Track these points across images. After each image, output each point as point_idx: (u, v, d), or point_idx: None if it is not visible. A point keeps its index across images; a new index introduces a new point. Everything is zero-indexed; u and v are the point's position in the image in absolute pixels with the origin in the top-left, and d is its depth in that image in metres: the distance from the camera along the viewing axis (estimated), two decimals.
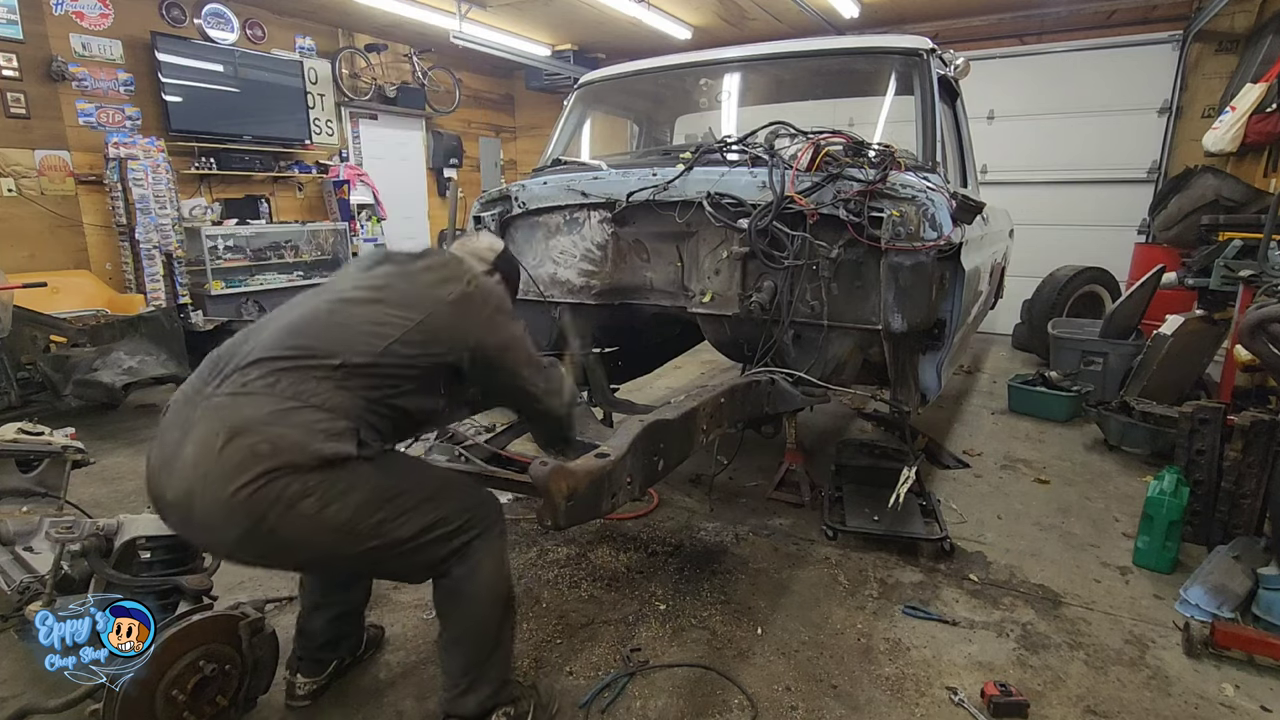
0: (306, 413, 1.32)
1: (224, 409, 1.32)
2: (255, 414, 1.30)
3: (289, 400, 1.33)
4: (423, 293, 1.54)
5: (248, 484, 1.25)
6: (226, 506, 1.26)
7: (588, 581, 2.43)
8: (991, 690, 1.82)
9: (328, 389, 1.36)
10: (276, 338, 1.43)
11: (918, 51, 2.92)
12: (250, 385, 1.34)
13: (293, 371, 1.36)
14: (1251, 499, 2.48)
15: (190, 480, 1.29)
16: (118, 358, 3.92)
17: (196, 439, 1.30)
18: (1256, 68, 5.30)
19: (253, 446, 1.27)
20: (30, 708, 1.55)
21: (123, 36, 5.73)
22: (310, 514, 1.29)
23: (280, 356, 1.38)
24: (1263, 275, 3.26)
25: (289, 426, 1.30)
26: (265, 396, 1.33)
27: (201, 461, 1.28)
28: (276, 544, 1.32)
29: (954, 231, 2.39)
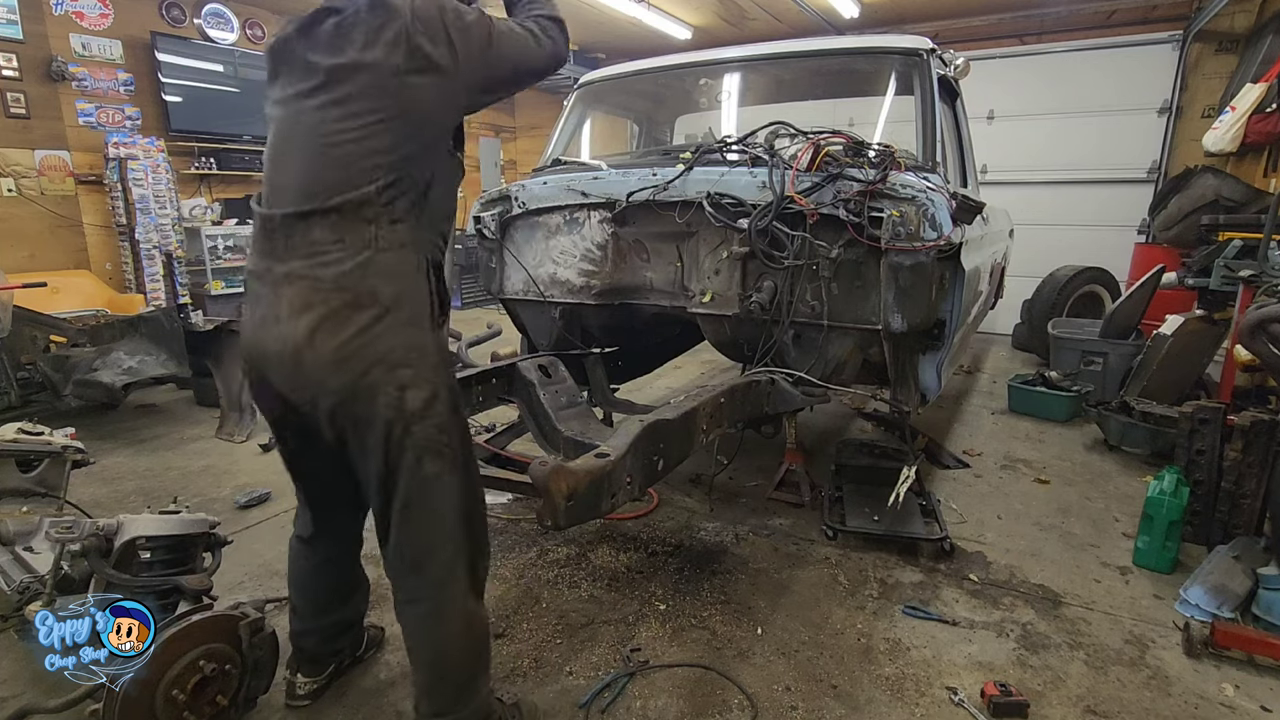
0: (383, 257, 1.36)
1: (308, 273, 1.35)
2: (339, 271, 1.34)
3: (363, 250, 1.35)
4: (379, 75, 1.35)
5: (355, 335, 1.32)
6: (335, 358, 1.32)
7: (588, 581, 2.43)
8: (991, 690, 1.82)
9: (381, 229, 1.36)
10: (302, 185, 1.38)
11: (918, 51, 2.92)
12: (319, 243, 1.35)
13: (344, 221, 1.35)
14: (1251, 499, 2.48)
15: (299, 339, 1.34)
16: (118, 358, 3.92)
17: (292, 303, 1.35)
18: (1256, 68, 5.30)
19: (355, 300, 1.33)
20: (30, 708, 1.55)
21: (123, 36, 5.73)
22: (402, 383, 1.35)
23: (324, 209, 1.35)
24: (1263, 275, 3.26)
25: (374, 276, 1.34)
26: (337, 253, 1.34)
27: (305, 321, 1.33)
28: (367, 406, 1.36)
29: (954, 231, 2.39)
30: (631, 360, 3.73)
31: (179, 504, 1.93)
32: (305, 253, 1.37)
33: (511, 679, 1.92)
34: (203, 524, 1.84)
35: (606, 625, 2.17)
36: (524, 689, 1.87)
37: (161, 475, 3.38)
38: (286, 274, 1.38)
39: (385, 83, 1.35)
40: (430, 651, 1.50)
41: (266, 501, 3.06)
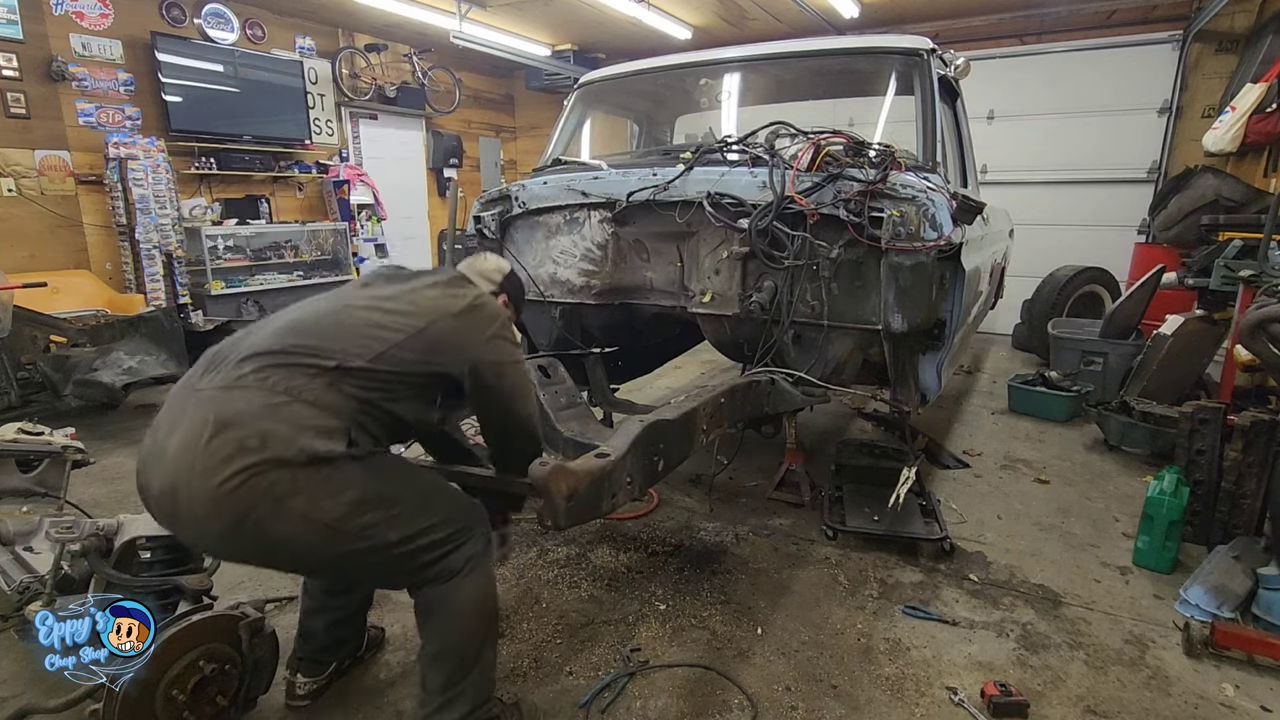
0: (297, 407, 1.31)
1: (214, 401, 1.32)
2: (245, 407, 1.29)
3: (280, 395, 1.31)
4: (427, 304, 1.55)
5: (234, 475, 1.23)
6: (212, 498, 1.24)
7: (588, 581, 2.43)
8: (991, 690, 1.82)
9: (320, 386, 1.35)
10: (275, 335, 1.43)
11: (918, 51, 2.92)
12: (243, 379, 1.33)
13: (286, 368, 1.35)
14: (1251, 499, 2.48)
15: (176, 472, 1.27)
16: (118, 358, 3.92)
17: (184, 430, 1.29)
18: (1256, 68, 5.30)
19: (241, 440, 1.25)
20: (30, 708, 1.55)
21: (123, 36, 5.72)
22: (298, 511, 1.27)
23: (276, 351, 1.38)
24: (1263, 275, 3.26)
25: (278, 421, 1.28)
26: (256, 390, 1.32)
27: (187, 452, 1.26)
28: (262, 540, 1.30)
29: (954, 231, 2.39)
30: (631, 360, 3.72)
31: None
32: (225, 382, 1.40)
33: (511, 679, 1.92)
34: None
35: (606, 625, 2.17)
36: (524, 689, 1.87)
37: None
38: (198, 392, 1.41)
39: (432, 333, 1.55)
40: (448, 616, 1.51)
41: None
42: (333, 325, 1.47)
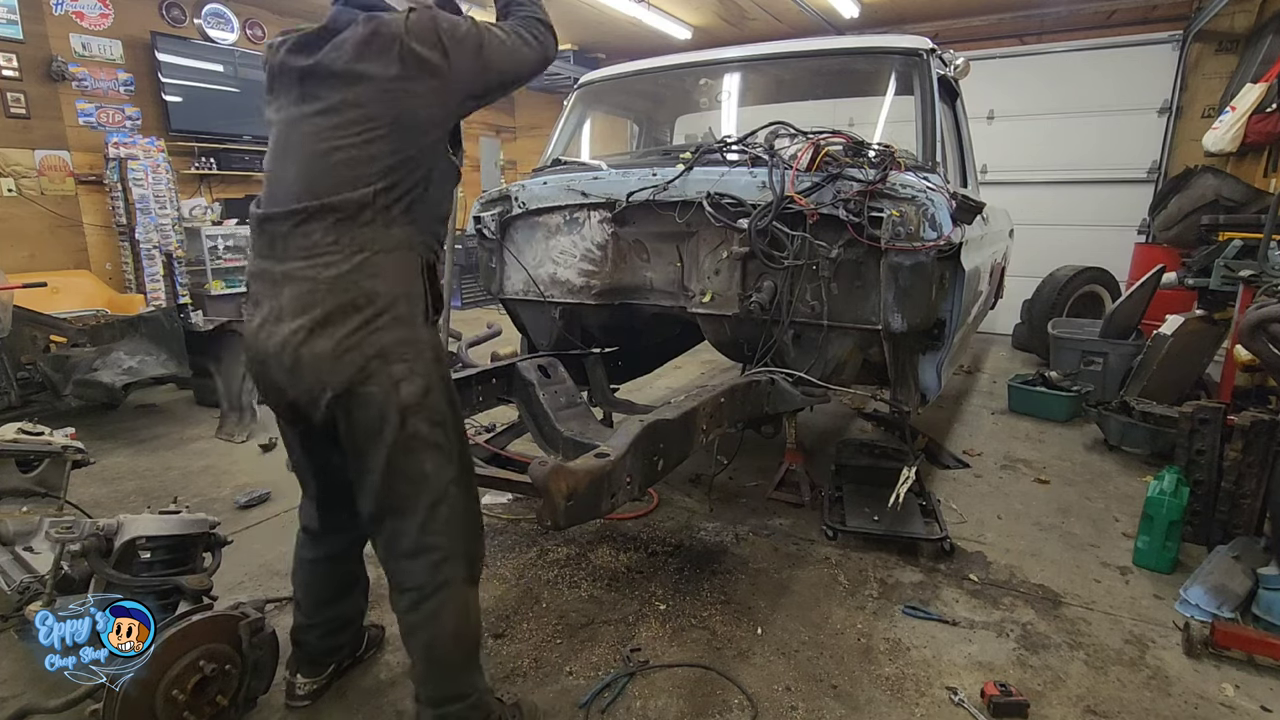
0: (380, 258, 1.40)
1: (307, 273, 1.38)
2: (338, 273, 1.37)
3: (360, 251, 1.38)
4: (373, 85, 1.39)
5: (352, 333, 1.36)
6: (334, 354, 1.36)
7: (588, 581, 2.43)
8: (991, 690, 1.82)
9: (378, 231, 1.40)
10: (300, 189, 1.41)
11: (918, 51, 2.92)
12: (318, 245, 1.38)
13: (341, 223, 1.38)
14: (1251, 499, 2.48)
15: (300, 337, 1.37)
16: (118, 358, 3.92)
17: (292, 300, 1.38)
18: (1256, 68, 5.30)
19: (352, 300, 1.36)
20: (30, 708, 1.55)
21: (123, 36, 5.73)
22: (398, 377, 1.39)
23: (320, 208, 1.38)
24: (1263, 275, 3.26)
25: (371, 278, 1.38)
26: (335, 254, 1.38)
27: (305, 320, 1.36)
28: (364, 400, 1.39)
29: (954, 231, 2.39)
30: (631, 360, 3.73)
31: (179, 504, 1.93)
32: (303, 254, 1.40)
33: (511, 679, 1.92)
34: (203, 524, 1.84)
35: (606, 625, 2.17)
36: (524, 689, 1.87)
37: (161, 475, 3.38)
38: (285, 274, 1.41)
39: (382, 92, 1.39)
40: (426, 637, 1.52)
41: (266, 501, 3.06)
42: (329, 166, 1.40)
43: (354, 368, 1.37)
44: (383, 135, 1.40)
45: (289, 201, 1.41)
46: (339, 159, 1.39)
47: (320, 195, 1.39)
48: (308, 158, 1.42)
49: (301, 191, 1.41)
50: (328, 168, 1.40)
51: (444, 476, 1.47)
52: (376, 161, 1.39)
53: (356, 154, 1.39)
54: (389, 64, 1.38)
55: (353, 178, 1.39)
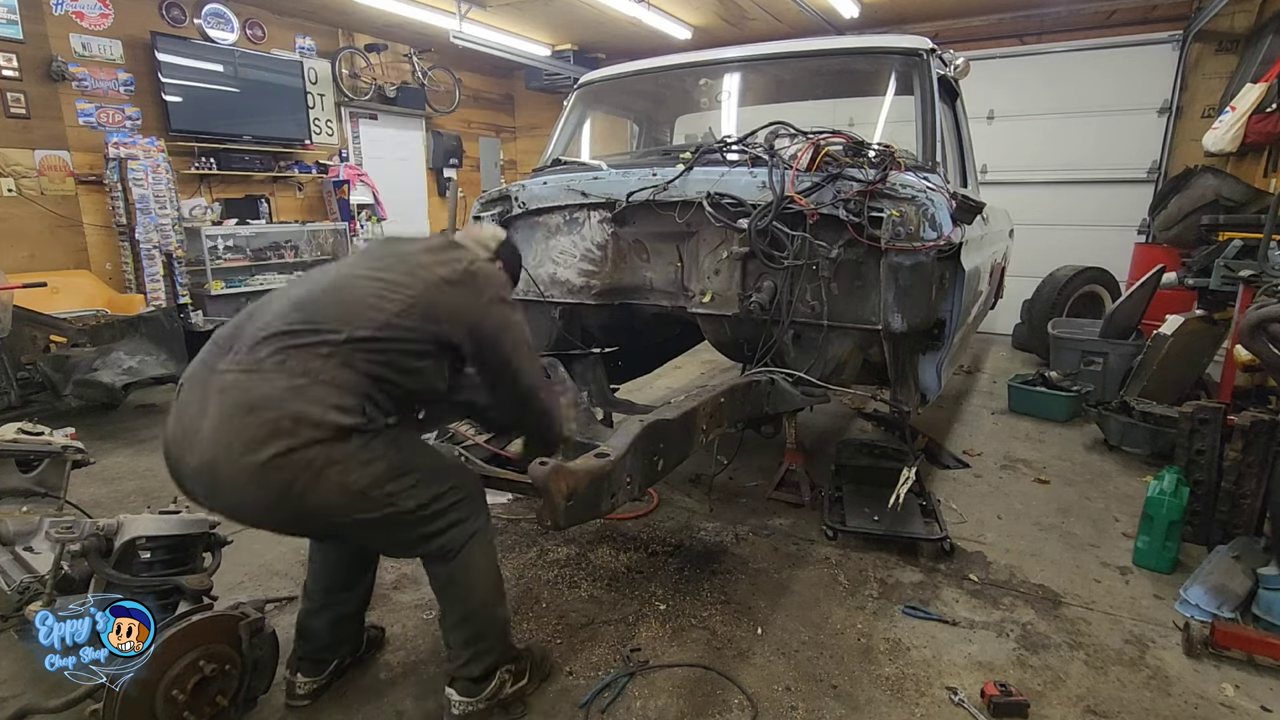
0: (318, 389, 1.40)
1: (239, 385, 1.39)
2: (271, 391, 1.38)
3: (300, 378, 1.39)
4: (423, 272, 1.57)
5: (276, 454, 1.34)
6: (258, 473, 1.35)
7: (588, 581, 2.43)
8: (991, 690, 1.82)
9: (334, 366, 1.42)
10: (283, 312, 1.48)
11: (918, 51, 2.92)
12: (262, 363, 1.40)
13: (301, 349, 1.42)
14: (1251, 499, 2.48)
15: (214, 450, 1.36)
16: (118, 358, 3.92)
17: (217, 413, 1.37)
18: (1256, 68, 5.30)
19: (275, 421, 1.35)
20: (30, 708, 1.55)
21: (123, 36, 5.72)
22: (334, 481, 1.39)
23: (287, 332, 1.44)
24: (1263, 275, 3.26)
25: (305, 403, 1.38)
26: (277, 374, 1.39)
27: (223, 432, 1.36)
28: (301, 508, 1.41)
29: (954, 231, 2.39)
30: (631, 360, 3.73)
31: (179, 504, 1.93)
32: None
33: None
34: (203, 524, 1.84)
35: (606, 625, 2.17)
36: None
37: (161, 475, 3.35)
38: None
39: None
40: (464, 586, 1.65)
41: None
42: (335, 300, 1.52)
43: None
44: (398, 310, 1.55)
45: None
46: (353, 303, 1.57)
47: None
48: (324, 298, 1.59)
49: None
50: (334, 304, 1.57)
51: (412, 519, 1.55)
52: (380, 313, 1.55)
53: (371, 302, 1.56)
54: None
55: (346, 315, 1.53)
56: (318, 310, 1.48)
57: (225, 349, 1.47)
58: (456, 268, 1.60)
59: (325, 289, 1.55)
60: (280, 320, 1.46)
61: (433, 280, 1.56)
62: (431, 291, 1.54)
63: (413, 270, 1.57)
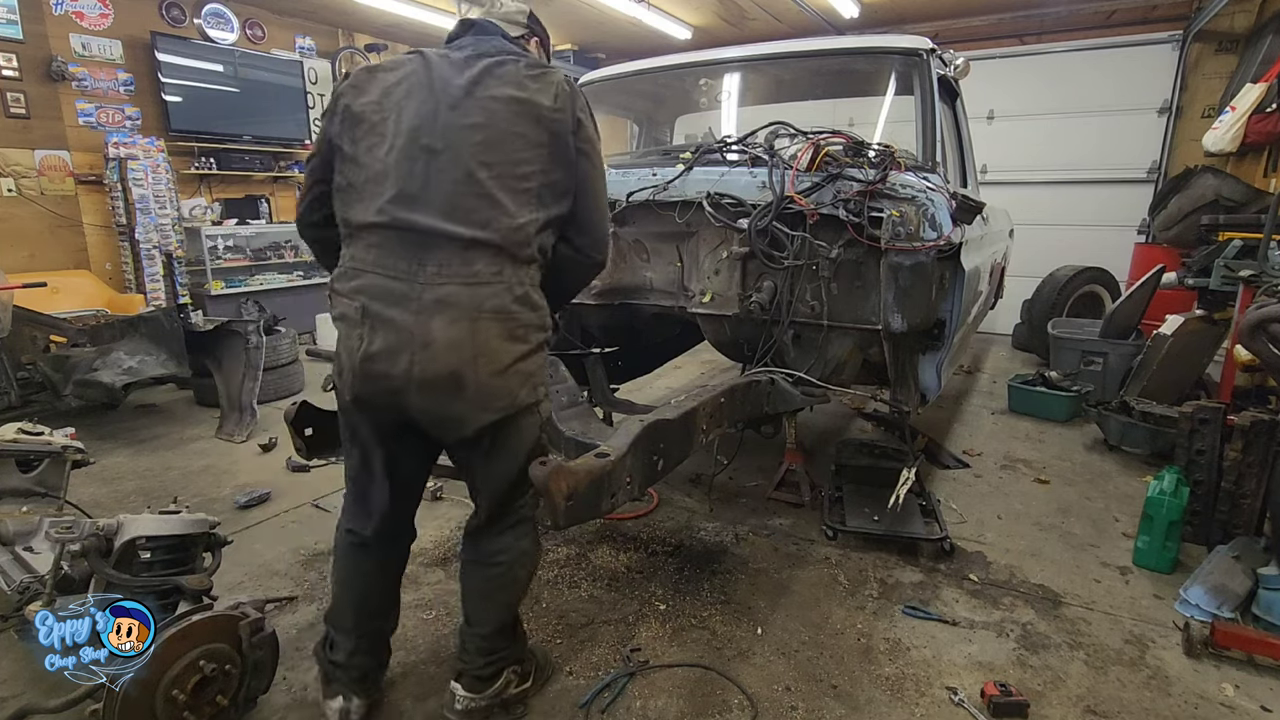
0: (531, 295, 1.50)
1: (464, 296, 1.42)
2: (501, 302, 1.45)
3: (515, 285, 1.46)
4: (533, 109, 1.47)
5: (519, 359, 1.47)
6: (500, 381, 1.46)
7: (588, 581, 2.43)
8: (991, 690, 1.82)
9: (526, 271, 1.49)
10: (451, 202, 1.42)
11: (918, 51, 2.92)
12: (480, 274, 1.43)
13: (498, 255, 1.44)
14: (1251, 499, 2.48)
15: (456, 362, 1.42)
16: (118, 358, 3.92)
17: (447, 324, 1.41)
18: (1256, 68, 5.30)
19: (511, 331, 1.46)
20: (30, 708, 1.55)
21: (123, 36, 5.73)
22: (538, 399, 1.56)
23: (476, 241, 1.42)
24: (1263, 275, 3.26)
25: (526, 307, 1.48)
26: (496, 285, 1.44)
27: (466, 344, 1.42)
28: (510, 428, 1.54)
29: (954, 231, 2.39)
30: (631, 360, 3.72)
31: (179, 504, 1.93)
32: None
33: None
34: (203, 524, 1.84)
35: (606, 625, 2.17)
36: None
37: (161, 475, 3.38)
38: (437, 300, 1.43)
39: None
40: (505, 594, 1.70)
41: (266, 501, 3.06)
42: (489, 177, 1.44)
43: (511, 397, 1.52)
44: (540, 177, 1.52)
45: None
46: (507, 182, 1.51)
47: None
48: (475, 179, 1.52)
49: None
50: (483, 192, 1.51)
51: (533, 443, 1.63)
52: (530, 187, 1.52)
53: (518, 179, 1.51)
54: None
55: (507, 203, 1.49)
56: (483, 198, 1.45)
57: (416, 256, 1.44)
58: (552, 90, 1.49)
59: (465, 161, 1.44)
60: (458, 216, 1.43)
61: (547, 118, 1.48)
62: (555, 137, 1.49)
63: (525, 108, 1.46)
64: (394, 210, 1.42)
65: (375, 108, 1.47)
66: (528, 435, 1.58)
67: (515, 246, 1.45)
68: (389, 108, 1.46)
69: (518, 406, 1.51)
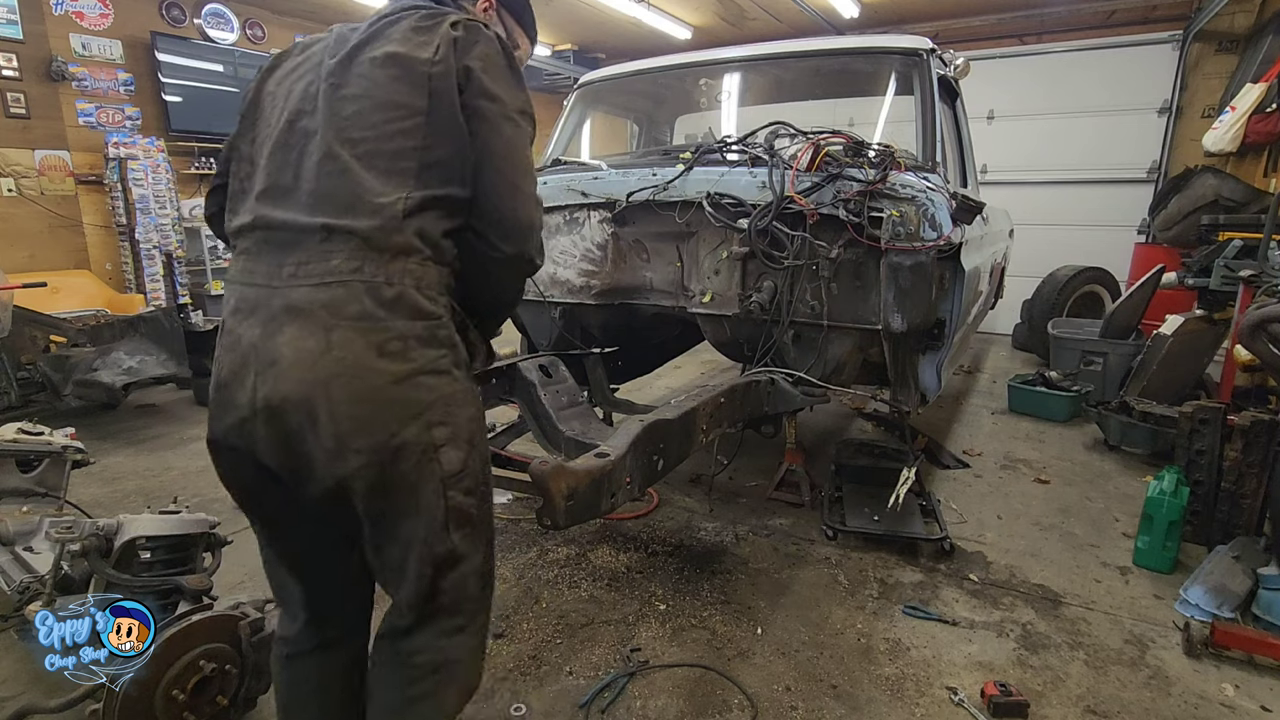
0: (411, 297, 1.10)
1: (319, 299, 1.07)
2: (362, 306, 1.07)
3: (384, 285, 1.08)
4: (410, 66, 1.12)
5: (396, 382, 1.07)
6: (364, 411, 1.06)
7: (588, 581, 2.43)
8: (991, 690, 1.82)
9: (400, 265, 1.10)
10: (315, 189, 1.10)
11: (918, 51, 2.92)
12: (336, 270, 1.08)
13: (361, 248, 1.08)
14: (1251, 499, 2.48)
15: (306, 384, 1.05)
16: (118, 358, 3.92)
17: (297, 336, 1.06)
18: (1256, 68, 5.30)
19: (381, 345, 1.07)
20: (30, 708, 1.55)
21: (123, 36, 5.73)
22: (434, 442, 1.11)
23: (333, 230, 1.08)
24: (1263, 275, 3.26)
25: (403, 314, 1.09)
26: (354, 284, 1.07)
27: (318, 361, 1.05)
28: (394, 486, 1.10)
29: (954, 231, 2.39)
30: (631, 360, 3.72)
31: (179, 504, 1.93)
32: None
33: (511, 679, 1.92)
34: (203, 524, 1.84)
35: (606, 625, 2.17)
36: (524, 689, 1.88)
37: (161, 475, 3.38)
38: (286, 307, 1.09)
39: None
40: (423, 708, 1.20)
41: None
42: (335, 169, 1.11)
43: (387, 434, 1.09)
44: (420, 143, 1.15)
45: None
46: (377, 161, 1.16)
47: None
48: (340, 166, 1.16)
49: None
50: (358, 171, 1.15)
51: (480, 550, 1.21)
52: (410, 163, 1.16)
53: (390, 157, 1.16)
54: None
55: (379, 182, 1.14)
56: (352, 187, 1.11)
57: (276, 254, 1.13)
58: (436, 40, 1.13)
59: (332, 147, 1.12)
60: (317, 207, 1.12)
61: (425, 73, 1.12)
62: (436, 96, 1.12)
63: (403, 70, 1.12)
64: (260, 208, 1.13)
65: (270, 95, 1.21)
66: (426, 498, 1.10)
67: (381, 234, 1.08)
68: (279, 93, 1.20)
69: (395, 448, 1.06)
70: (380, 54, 1.14)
